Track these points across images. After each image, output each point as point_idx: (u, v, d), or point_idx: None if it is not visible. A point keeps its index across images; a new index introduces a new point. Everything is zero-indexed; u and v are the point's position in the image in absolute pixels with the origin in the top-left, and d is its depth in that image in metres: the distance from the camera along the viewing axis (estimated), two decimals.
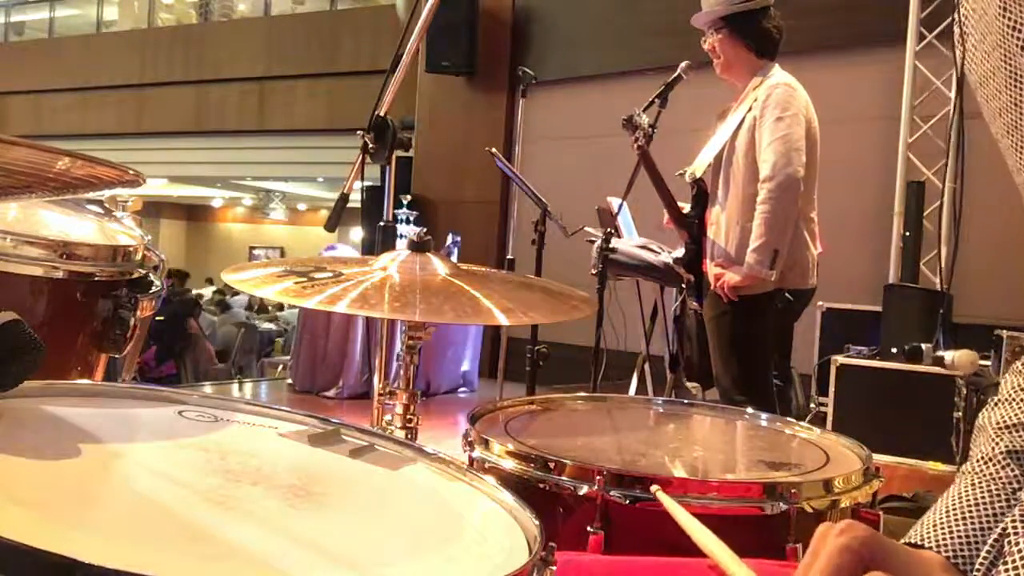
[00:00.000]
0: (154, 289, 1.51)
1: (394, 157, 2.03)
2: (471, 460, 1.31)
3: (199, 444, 0.90)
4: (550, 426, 1.59)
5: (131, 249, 1.50)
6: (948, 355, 3.57)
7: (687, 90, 3.33)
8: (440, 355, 6.51)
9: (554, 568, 0.73)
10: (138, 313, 1.44)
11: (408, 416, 1.49)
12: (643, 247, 4.21)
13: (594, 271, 3.37)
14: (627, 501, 1.18)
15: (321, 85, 12.44)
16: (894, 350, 4.26)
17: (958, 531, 0.83)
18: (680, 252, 3.40)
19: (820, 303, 4.85)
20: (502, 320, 1.29)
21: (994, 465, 0.86)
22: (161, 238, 21.52)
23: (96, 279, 1.42)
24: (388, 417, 1.54)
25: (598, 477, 1.18)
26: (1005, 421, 0.88)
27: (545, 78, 6.61)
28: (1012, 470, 0.85)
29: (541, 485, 1.23)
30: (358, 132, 2.01)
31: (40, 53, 15.53)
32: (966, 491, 0.86)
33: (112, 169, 0.84)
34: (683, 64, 3.29)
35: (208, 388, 6.78)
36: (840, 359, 4.32)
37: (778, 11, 3.22)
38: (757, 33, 3.16)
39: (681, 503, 1.15)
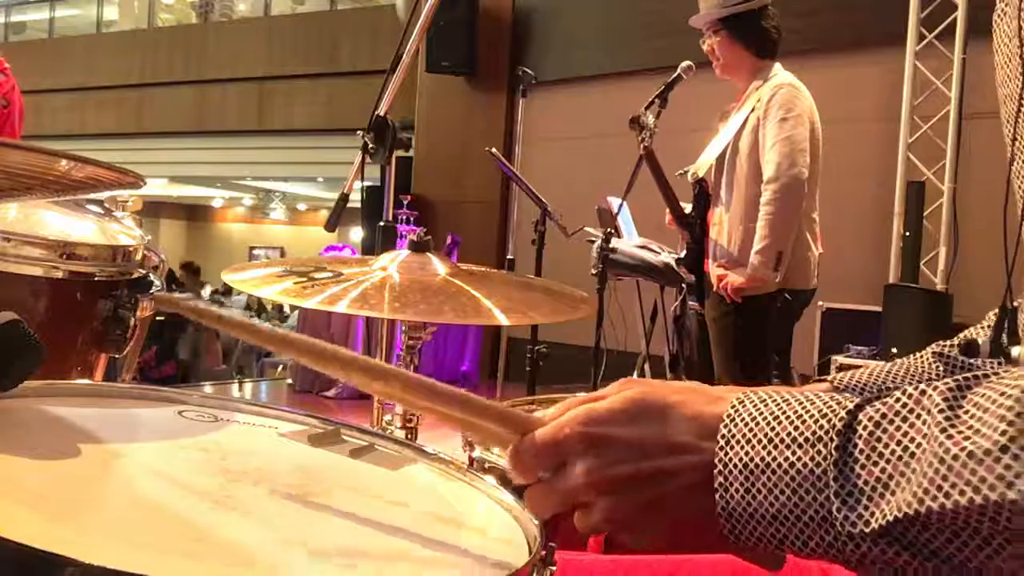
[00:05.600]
0: (154, 289, 1.51)
1: (394, 157, 2.03)
2: (471, 460, 1.30)
3: (199, 444, 0.90)
4: None
5: (131, 249, 1.49)
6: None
7: (687, 90, 3.33)
8: (440, 355, 6.51)
9: (554, 568, 0.73)
10: (138, 313, 1.44)
11: (408, 416, 1.49)
12: (643, 247, 4.21)
13: (594, 271, 3.36)
14: None
15: (321, 85, 12.44)
16: (894, 350, 4.26)
17: (858, 379, 0.91)
18: (683, 253, 3.40)
19: (820, 303, 4.85)
20: (502, 320, 1.29)
21: (922, 359, 0.94)
22: (161, 238, 21.52)
23: (96, 279, 1.41)
24: (388, 417, 1.54)
25: None
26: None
27: (545, 78, 6.61)
28: (935, 365, 0.92)
29: None
30: (358, 132, 2.01)
31: (40, 53, 15.52)
32: (885, 365, 0.94)
33: (113, 171, 0.84)
34: (683, 64, 3.28)
35: (208, 388, 6.79)
36: (840, 359, 4.33)
37: (777, 11, 3.22)
38: (756, 33, 3.15)
39: None
